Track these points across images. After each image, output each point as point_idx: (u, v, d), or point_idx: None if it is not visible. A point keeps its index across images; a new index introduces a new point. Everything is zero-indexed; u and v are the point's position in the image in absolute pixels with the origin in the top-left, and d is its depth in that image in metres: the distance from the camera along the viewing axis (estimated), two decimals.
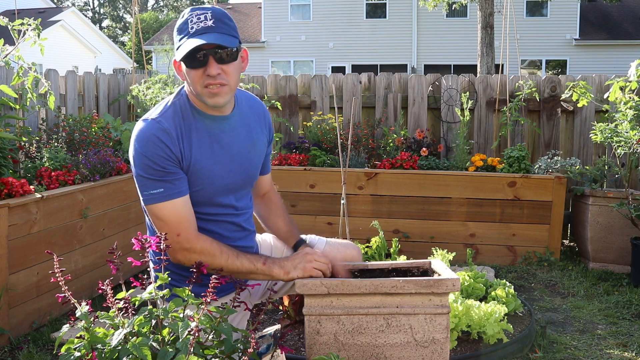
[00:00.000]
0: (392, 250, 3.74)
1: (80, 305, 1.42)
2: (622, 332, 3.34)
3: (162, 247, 1.53)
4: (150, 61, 23.17)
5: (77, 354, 1.36)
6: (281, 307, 3.15)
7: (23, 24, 3.71)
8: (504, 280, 3.73)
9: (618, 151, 4.08)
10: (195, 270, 1.50)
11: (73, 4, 43.26)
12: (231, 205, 1.95)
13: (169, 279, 1.52)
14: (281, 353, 1.71)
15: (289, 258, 1.87)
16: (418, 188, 4.71)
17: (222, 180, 1.89)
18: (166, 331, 1.42)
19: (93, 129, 4.44)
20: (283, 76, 5.63)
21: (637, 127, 3.91)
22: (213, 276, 1.46)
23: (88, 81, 5.24)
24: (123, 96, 5.65)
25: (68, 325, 1.44)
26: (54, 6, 28.88)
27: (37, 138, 4.17)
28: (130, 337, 1.36)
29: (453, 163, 4.93)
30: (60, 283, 1.45)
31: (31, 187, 3.33)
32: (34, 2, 25.11)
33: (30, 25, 3.72)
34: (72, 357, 1.36)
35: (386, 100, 5.42)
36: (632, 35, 22.42)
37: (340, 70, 22.96)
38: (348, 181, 4.60)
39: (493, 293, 3.31)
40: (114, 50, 30.46)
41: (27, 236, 3.22)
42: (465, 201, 4.69)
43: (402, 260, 3.10)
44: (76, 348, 1.37)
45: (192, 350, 1.30)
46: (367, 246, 3.81)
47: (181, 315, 1.44)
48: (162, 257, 1.53)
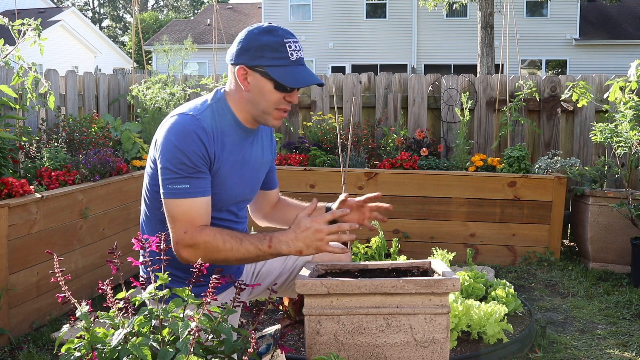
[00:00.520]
0: (392, 250, 3.74)
1: (80, 305, 1.42)
2: (622, 332, 3.34)
3: (162, 247, 1.53)
4: (150, 61, 23.18)
5: (77, 354, 1.36)
6: (281, 307, 3.15)
7: (23, 24, 3.71)
8: (504, 280, 3.73)
9: (618, 151, 4.08)
10: (195, 270, 1.50)
11: (73, 4, 43.27)
12: (234, 213, 1.98)
13: (169, 279, 1.52)
14: (281, 353, 1.71)
15: (296, 232, 1.77)
16: (418, 188, 4.71)
17: (237, 189, 1.93)
18: (166, 331, 1.42)
19: (93, 129, 4.44)
20: None
21: (637, 127, 3.91)
22: (213, 276, 1.46)
23: (88, 81, 5.24)
24: (123, 96, 5.65)
25: (68, 325, 1.44)
26: (54, 6, 28.88)
27: (37, 138, 4.17)
28: (130, 337, 1.36)
29: (453, 163, 4.93)
30: (60, 283, 1.45)
31: (31, 187, 3.33)
32: (34, 2, 25.11)
33: (30, 25, 3.71)
34: (72, 357, 1.36)
35: (386, 100, 5.42)
36: (632, 35, 22.42)
37: (340, 70, 22.97)
38: (348, 181, 4.59)
39: (493, 293, 3.31)
40: (114, 50, 30.47)
41: (27, 236, 3.22)
42: (465, 201, 4.69)
43: (402, 260, 3.10)
44: (76, 348, 1.37)
45: (192, 350, 1.30)
46: (367, 246, 3.81)
47: (181, 315, 1.44)
48: (162, 257, 1.53)
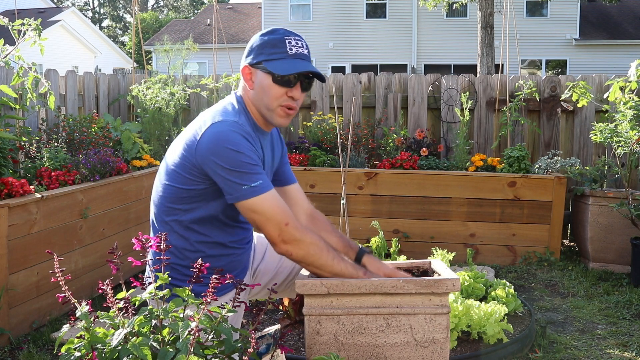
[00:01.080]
0: (392, 250, 3.74)
1: (80, 305, 1.42)
2: (622, 332, 3.34)
3: (163, 247, 1.53)
4: (150, 61, 23.18)
5: (77, 354, 1.36)
6: (281, 307, 3.15)
7: (23, 24, 3.71)
8: (504, 280, 3.73)
9: (618, 151, 4.09)
10: (196, 270, 1.50)
11: (73, 4, 43.27)
12: None
13: (169, 279, 1.52)
14: (281, 353, 1.71)
15: (388, 275, 1.88)
16: (418, 188, 4.71)
17: None
18: (166, 331, 1.42)
19: (93, 129, 4.44)
20: None
21: (637, 127, 3.91)
22: (213, 276, 1.46)
23: (88, 81, 5.24)
24: (123, 96, 5.65)
25: (68, 325, 1.44)
26: (54, 6, 28.88)
27: (37, 138, 4.17)
28: (130, 337, 1.36)
29: (453, 163, 4.93)
30: (60, 283, 1.45)
31: (31, 187, 3.33)
32: (34, 2, 25.11)
33: (30, 25, 3.71)
34: (72, 357, 1.36)
35: (386, 100, 5.42)
36: (632, 35, 22.41)
37: (340, 70, 22.97)
38: (348, 181, 4.60)
39: (493, 293, 3.31)
40: (114, 50, 30.46)
41: (27, 236, 3.22)
42: (465, 201, 4.69)
43: (402, 260, 3.10)
44: (76, 348, 1.37)
45: (192, 350, 1.30)
46: (367, 246, 3.82)
47: (181, 315, 1.44)
48: (162, 257, 1.53)
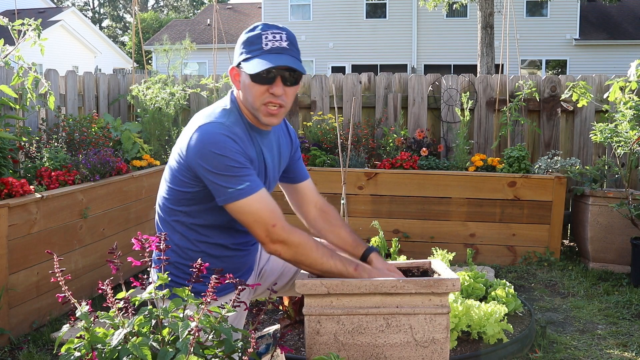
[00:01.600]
0: (392, 250, 3.73)
1: (80, 305, 1.42)
2: (622, 332, 3.34)
3: (162, 247, 1.53)
4: (150, 61, 23.17)
5: (77, 354, 1.36)
6: (281, 307, 3.15)
7: (23, 24, 3.71)
8: (504, 280, 3.73)
9: (618, 151, 4.09)
10: (195, 269, 1.50)
11: (73, 4, 43.27)
12: None
13: (169, 279, 1.52)
14: (281, 353, 1.71)
15: (380, 272, 1.87)
16: (418, 188, 4.71)
17: None
18: (166, 331, 1.42)
19: (93, 129, 4.44)
20: None
21: (637, 127, 3.91)
22: (213, 276, 1.45)
23: (88, 81, 5.24)
24: (123, 96, 5.65)
25: (68, 325, 1.44)
26: (54, 6, 28.88)
27: (37, 138, 4.17)
28: (130, 337, 1.36)
29: (453, 163, 4.93)
30: (60, 283, 1.44)
31: (31, 187, 3.33)
32: (34, 2, 25.11)
33: (30, 25, 3.72)
34: (72, 357, 1.35)
35: (386, 100, 5.42)
36: (632, 35, 22.41)
37: (340, 70, 22.96)
38: (348, 181, 4.59)
39: (493, 293, 3.31)
40: (114, 50, 30.46)
41: (27, 236, 3.22)
42: (465, 201, 4.69)
43: (402, 260, 3.10)
44: (76, 348, 1.37)
45: (192, 350, 1.30)
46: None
47: (181, 315, 1.44)
48: (162, 257, 1.53)
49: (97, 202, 3.84)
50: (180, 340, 1.33)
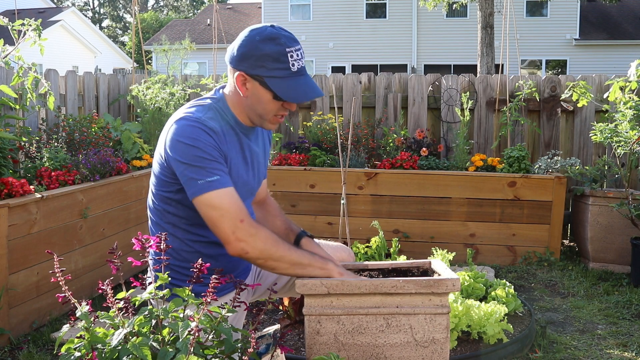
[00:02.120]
0: (392, 250, 3.74)
1: (80, 305, 1.42)
2: (622, 332, 3.34)
3: (163, 247, 1.53)
4: (150, 61, 23.17)
5: (77, 354, 1.36)
6: (281, 307, 3.15)
7: (23, 24, 3.71)
8: (504, 280, 3.73)
9: (618, 151, 4.09)
10: (196, 270, 1.50)
11: (73, 4, 43.27)
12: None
13: (169, 279, 1.52)
14: (281, 353, 1.71)
15: (340, 269, 1.86)
16: (418, 188, 4.71)
17: (248, 186, 1.94)
18: (166, 331, 1.42)
19: (93, 129, 4.44)
20: None
21: (637, 127, 3.91)
22: (213, 276, 1.46)
23: (88, 81, 5.24)
24: (123, 96, 5.65)
25: (68, 325, 1.44)
26: (54, 6, 28.89)
27: (37, 138, 4.17)
28: (130, 337, 1.36)
29: (453, 163, 4.93)
30: (60, 283, 1.44)
31: (31, 187, 3.33)
32: (34, 2, 25.11)
33: (30, 25, 3.72)
34: (72, 357, 1.36)
35: (386, 100, 5.42)
36: (632, 35, 22.42)
37: (340, 70, 22.97)
38: (348, 181, 4.60)
39: (493, 293, 3.31)
40: (114, 50, 30.47)
41: (27, 236, 3.22)
42: (465, 201, 4.69)
43: (402, 260, 3.10)
44: (76, 348, 1.37)
45: (192, 350, 1.30)
46: (367, 246, 3.81)
47: (181, 315, 1.44)
48: (162, 257, 1.53)
49: (97, 202, 3.84)
50: (180, 340, 1.33)
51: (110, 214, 3.99)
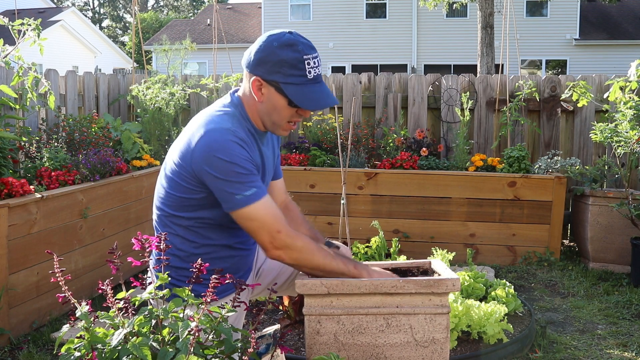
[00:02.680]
0: (392, 250, 3.74)
1: (80, 305, 1.42)
2: (622, 332, 3.34)
3: (162, 247, 1.53)
4: (150, 61, 23.16)
5: (77, 354, 1.36)
6: (281, 307, 3.15)
7: (23, 24, 3.71)
8: (504, 280, 3.73)
9: (618, 151, 4.09)
10: (195, 270, 1.49)
11: (73, 4, 43.26)
12: None
13: (169, 279, 1.52)
14: (281, 353, 1.71)
15: (376, 272, 1.88)
16: (418, 188, 4.71)
17: None
18: (166, 331, 1.42)
19: (93, 129, 4.44)
20: None
21: (637, 127, 3.91)
22: (213, 276, 1.45)
23: (88, 81, 5.24)
24: (123, 96, 5.65)
25: (68, 325, 1.44)
26: (54, 6, 28.88)
27: (37, 138, 4.17)
28: (130, 337, 1.36)
29: (453, 163, 4.93)
30: (60, 283, 1.44)
31: (31, 187, 3.32)
32: (34, 2, 25.10)
33: (30, 25, 3.72)
34: (72, 357, 1.35)
35: (386, 100, 5.42)
36: (632, 35, 22.41)
37: (340, 70, 22.96)
38: (348, 181, 4.59)
39: (493, 293, 3.31)
40: (114, 50, 30.46)
41: (27, 236, 3.22)
42: (465, 201, 4.69)
43: (402, 260, 3.10)
44: (76, 348, 1.37)
45: (192, 350, 1.30)
46: (367, 246, 3.81)
47: (181, 315, 1.44)
48: (162, 257, 1.53)
49: (97, 202, 3.84)
50: (180, 340, 1.33)
51: (110, 214, 3.99)
